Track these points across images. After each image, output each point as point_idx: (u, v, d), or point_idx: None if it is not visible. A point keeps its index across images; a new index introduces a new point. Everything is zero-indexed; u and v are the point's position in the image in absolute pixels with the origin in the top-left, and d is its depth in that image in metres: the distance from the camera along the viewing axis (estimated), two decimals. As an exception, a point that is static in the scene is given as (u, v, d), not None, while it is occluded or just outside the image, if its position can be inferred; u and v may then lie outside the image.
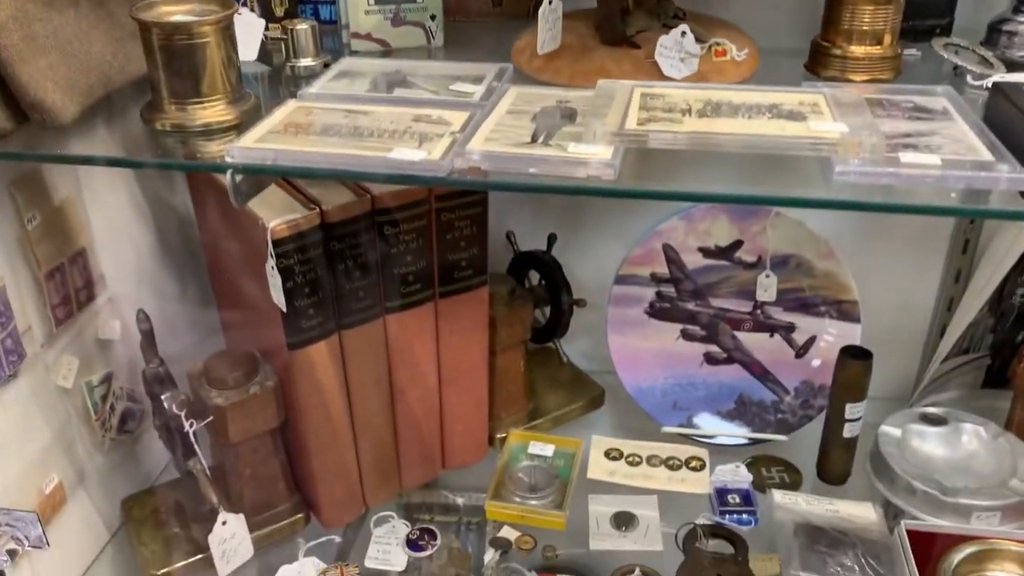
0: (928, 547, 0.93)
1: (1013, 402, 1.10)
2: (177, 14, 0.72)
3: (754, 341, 1.12)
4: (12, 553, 0.78)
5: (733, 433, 1.11)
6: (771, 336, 1.12)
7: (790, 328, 1.11)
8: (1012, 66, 0.81)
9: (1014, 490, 0.99)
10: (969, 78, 0.81)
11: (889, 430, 1.08)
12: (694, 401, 1.13)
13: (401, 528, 1.01)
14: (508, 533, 0.99)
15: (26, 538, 0.78)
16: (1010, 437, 1.07)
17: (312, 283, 0.86)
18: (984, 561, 0.92)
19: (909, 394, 1.17)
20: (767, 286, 1.10)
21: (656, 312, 1.13)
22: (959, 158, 0.62)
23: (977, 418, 1.09)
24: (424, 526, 1.01)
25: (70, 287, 0.89)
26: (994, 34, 0.86)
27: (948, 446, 1.08)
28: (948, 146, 0.64)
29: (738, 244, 1.09)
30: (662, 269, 1.12)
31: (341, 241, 0.87)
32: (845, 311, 1.08)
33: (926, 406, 1.12)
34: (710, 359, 1.14)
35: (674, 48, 0.75)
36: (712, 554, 0.95)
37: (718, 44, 0.77)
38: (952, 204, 0.60)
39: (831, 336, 1.09)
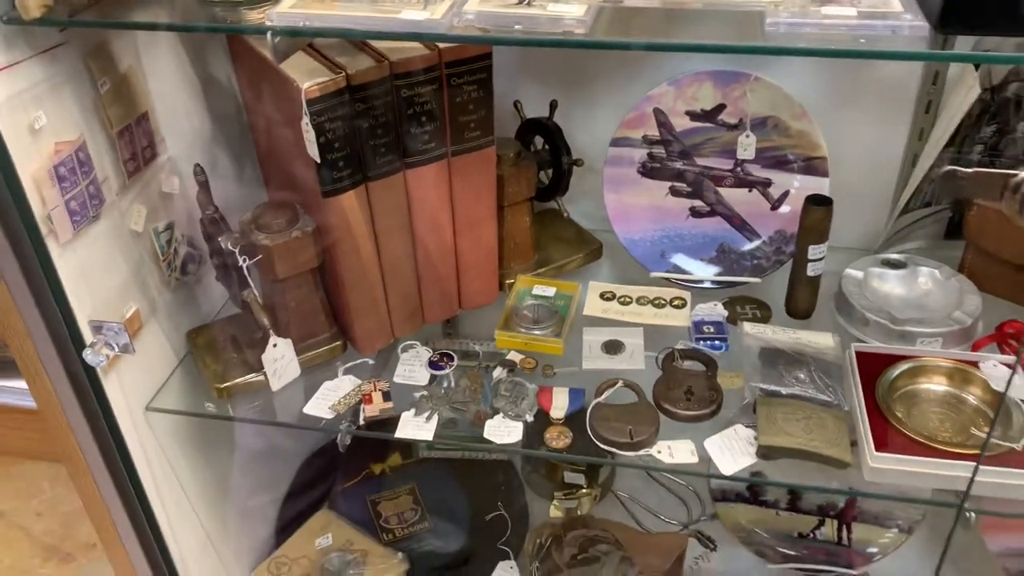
0: (872, 365, 1.08)
1: (966, 249, 1.23)
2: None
3: (734, 195, 1.25)
4: (106, 355, 0.96)
5: (713, 277, 1.26)
6: (749, 191, 1.25)
7: (767, 183, 1.24)
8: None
9: (956, 320, 1.13)
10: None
11: (852, 273, 1.22)
12: (680, 250, 1.28)
13: (424, 353, 1.18)
14: (514, 356, 1.16)
15: (116, 344, 0.97)
16: (961, 278, 1.20)
17: (341, 139, 1.01)
18: (917, 375, 1.07)
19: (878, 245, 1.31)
20: (747, 145, 1.22)
21: (647, 171, 1.26)
22: (873, 10, 0.74)
23: (933, 262, 1.23)
24: (443, 351, 1.19)
25: (137, 145, 1.05)
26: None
27: (905, 286, 1.22)
28: (867, 0, 0.76)
29: (721, 107, 1.21)
30: (653, 132, 1.24)
31: (364, 102, 1.01)
32: (816, 167, 1.21)
33: (890, 254, 1.26)
34: (695, 213, 1.27)
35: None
36: (686, 371, 1.12)
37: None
38: (860, 48, 0.72)
39: (803, 188, 1.22)
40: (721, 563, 1.46)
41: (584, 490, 1.52)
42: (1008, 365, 1.05)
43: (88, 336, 0.97)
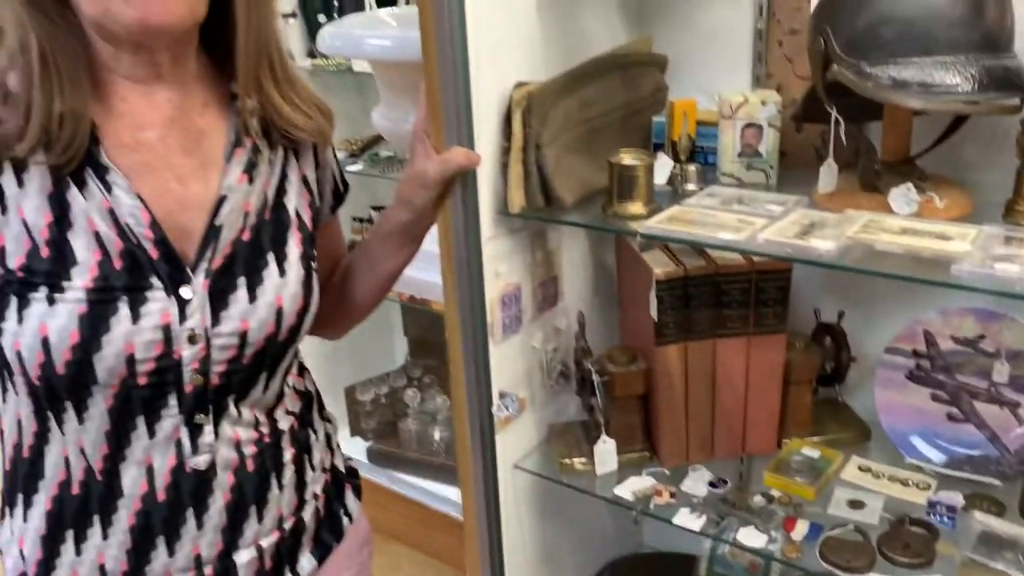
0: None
1: None
2: (626, 159, 1.44)
3: (987, 410, 1.52)
4: (504, 413, 1.53)
5: (959, 473, 1.51)
6: (1001, 409, 1.50)
7: (1016, 404, 1.49)
8: None
9: None
10: None
11: (1090, 494, 1.40)
12: (934, 446, 1.55)
13: (707, 474, 1.59)
14: (775, 493, 1.52)
15: (511, 408, 1.53)
16: None
17: (672, 309, 1.51)
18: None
19: None
20: (1001, 371, 1.50)
21: (914, 378, 1.58)
22: (1037, 269, 1.08)
23: None
24: (721, 477, 1.58)
25: (547, 293, 1.65)
26: None
27: None
28: (1039, 263, 1.10)
29: (981, 338, 1.51)
30: (921, 347, 1.57)
31: (693, 287, 1.51)
32: (1063, 398, 1.44)
33: None
34: (951, 417, 1.55)
35: (900, 195, 1.29)
36: (910, 532, 1.39)
37: (928, 195, 1.28)
38: None
39: (1049, 414, 1.45)
40: None
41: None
42: None
43: (496, 401, 1.55)
